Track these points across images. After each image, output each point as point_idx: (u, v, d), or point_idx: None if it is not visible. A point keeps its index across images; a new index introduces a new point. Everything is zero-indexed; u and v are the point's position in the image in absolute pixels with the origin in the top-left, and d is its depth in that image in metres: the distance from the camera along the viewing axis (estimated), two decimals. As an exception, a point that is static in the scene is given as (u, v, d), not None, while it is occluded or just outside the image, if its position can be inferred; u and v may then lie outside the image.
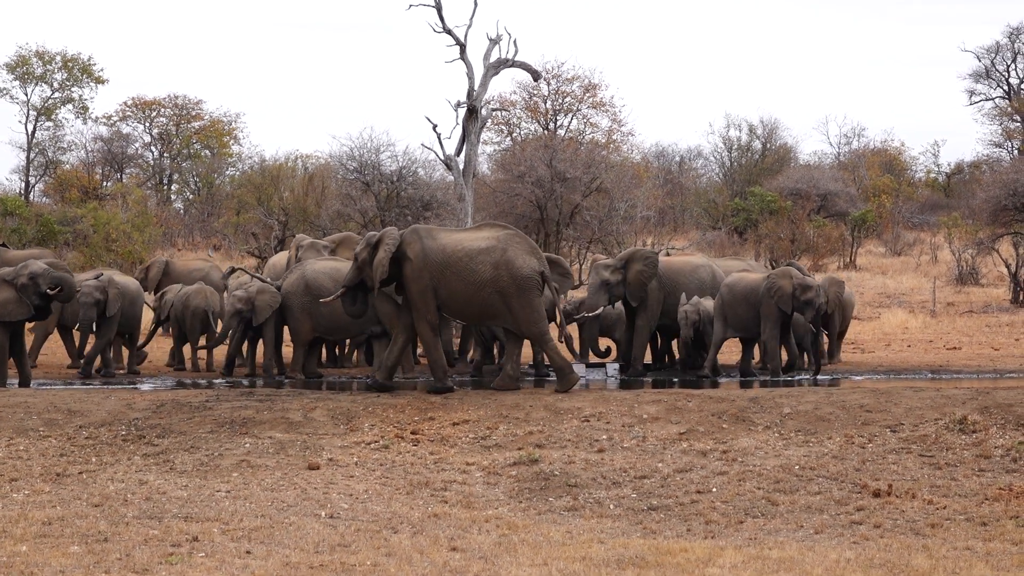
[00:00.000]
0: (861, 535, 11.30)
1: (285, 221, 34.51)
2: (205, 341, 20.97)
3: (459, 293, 16.76)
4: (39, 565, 9.94)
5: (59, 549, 10.41)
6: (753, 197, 43.19)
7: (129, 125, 52.04)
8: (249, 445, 14.11)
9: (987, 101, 56.98)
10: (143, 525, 11.25)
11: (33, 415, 14.94)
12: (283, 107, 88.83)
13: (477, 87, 28.49)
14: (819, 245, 37.97)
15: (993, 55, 56.44)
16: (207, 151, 52.64)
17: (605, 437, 14.21)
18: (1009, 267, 32.29)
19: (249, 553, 10.40)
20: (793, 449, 13.80)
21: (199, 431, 14.56)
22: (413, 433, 14.54)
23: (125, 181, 48.99)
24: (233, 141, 53.56)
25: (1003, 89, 57.00)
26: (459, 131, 28.57)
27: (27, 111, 47.20)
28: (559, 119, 47.53)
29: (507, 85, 57.03)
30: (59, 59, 47.11)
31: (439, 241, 16.96)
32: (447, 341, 20.72)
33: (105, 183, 48.52)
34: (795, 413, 14.81)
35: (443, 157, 28.71)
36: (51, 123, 47.96)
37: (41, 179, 48.57)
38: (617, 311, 20.95)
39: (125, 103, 52.11)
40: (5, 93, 47.04)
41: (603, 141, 46.57)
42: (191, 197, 51.70)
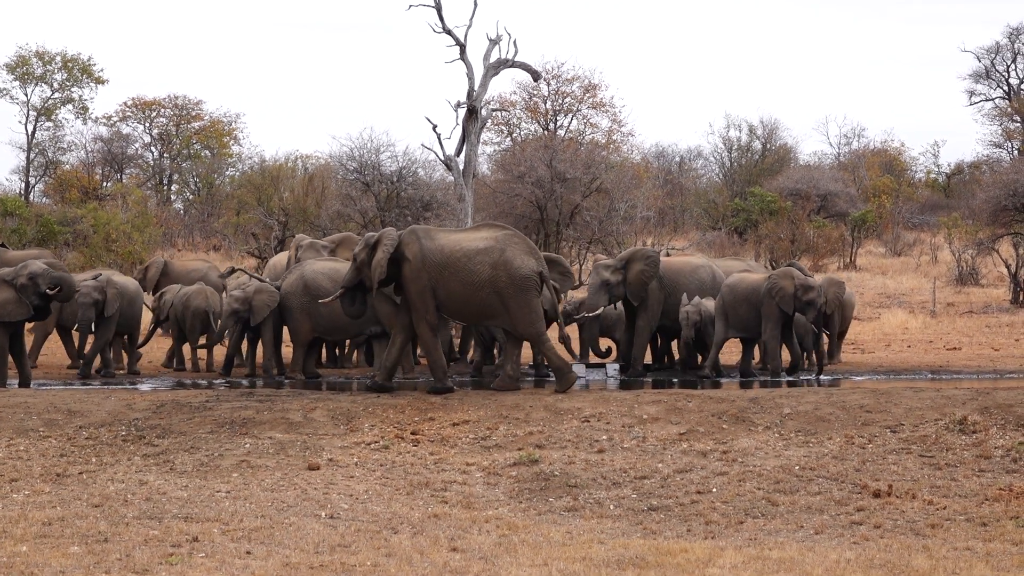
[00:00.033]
0: (861, 535, 11.30)
1: (285, 221, 34.49)
2: (205, 341, 20.98)
3: (457, 293, 16.76)
4: (39, 565, 9.94)
5: (59, 549, 10.41)
6: (753, 197, 43.17)
7: (129, 125, 52.07)
8: (249, 445, 14.11)
9: (987, 101, 57.01)
10: (143, 525, 11.25)
11: (33, 415, 14.94)
12: (283, 107, 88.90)
13: (477, 87, 28.49)
14: (819, 245, 37.95)
15: (993, 55, 56.46)
16: (207, 151, 52.61)
17: (605, 437, 14.21)
18: (1009, 267, 32.27)
19: (249, 553, 10.40)
20: (793, 449, 13.80)
21: (199, 431, 14.56)
22: (413, 433, 14.54)
23: (125, 181, 48.96)
24: (233, 141, 53.55)
25: (1003, 89, 57.00)
26: (459, 131, 28.56)
27: (27, 111, 47.22)
28: (559, 119, 47.53)
29: (507, 85, 57.08)
30: (59, 59, 47.09)
31: (437, 242, 16.95)
32: (446, 341, 20.71)
33: (105, 183, 48.50)
34: (795, 413, 14.81)
35: (443, 157, 28.70)
36: (51, 123, 47.96)
37: (41, 179, 48.55)
38: (617, 312, 20.94)
39: (125, 103, 52.15)
40: (5, 93, 47.06)
41: (603, 141, 46.58)
42: (191, 197, 51.68)
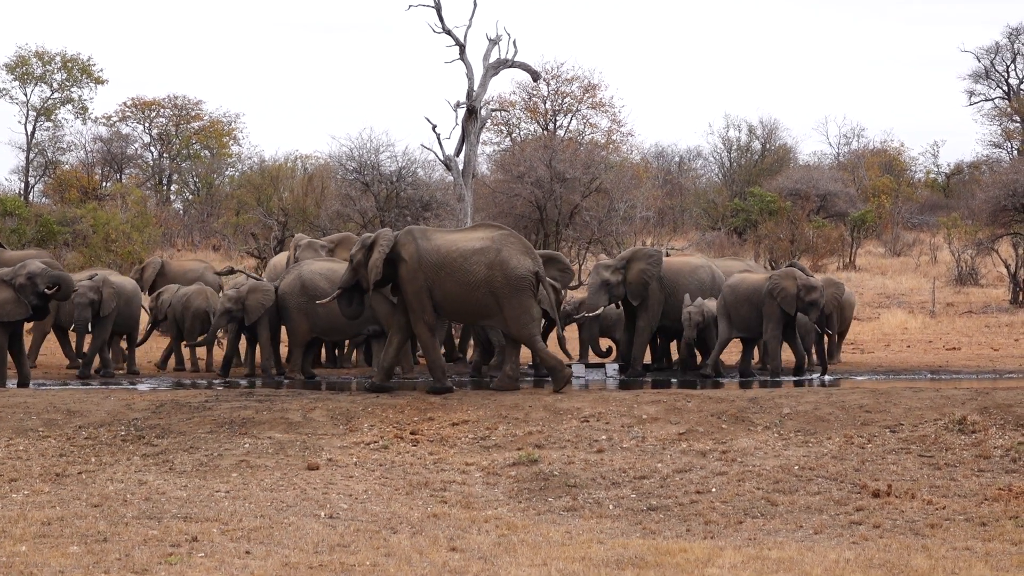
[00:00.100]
0: (860, 535, 11.30)
1: (284, 222, 34.46)
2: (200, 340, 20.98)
3: (453, 294, 16.76)
4: (39, 565, 9.94)
5: (58, 549, 10.41)
6: (752, 198, 43.14)
7: (128, 125, 52.01)
8: (248, 445, 14.11)
9: (987, 101, 57.00)
10: (142, 525, 11.25)
11: (32, 415, 14.94)
12: (283, 107, 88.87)
13: (477, 87, 28.50)
14: (819, 246, 37.93)
15: (993, 55, 56.44)
16: (207, 151, 52.57)
17: (604, 437, 14.21)
18: (1008, 268, 32.26)
19: (248, 553, 10.40)
20: (792, 449, 13.80)
21: (198, 431, 14.56)
22: (412, 433, 14.54)
23: (124, 181, 48.95)
24: (232, 141, 53.51)
25: (1003, 90, 56.99)
26: (458, 131, 28.59)
27: (27, 111, 47.18)
28: (558, 119, 47.52)
29: (506, 85, 56.96)
30: (58, 59, 47.07)
31: (434, 242, 16.95)
32: (448, 340, 20.71)
33: (104, 183, 48.47)
34: (794, 413, 14.81)
35: (443, 157, 28.72)
36: (50, 123, 47.93)
37: (40, 179, 48.53)
38: (617, 312, 20.93)
39: (124, 103, 52.07)
40: (5, 93, 47.01)
41: (602, 141, 46.56)
42: (190, 197, 51.65)
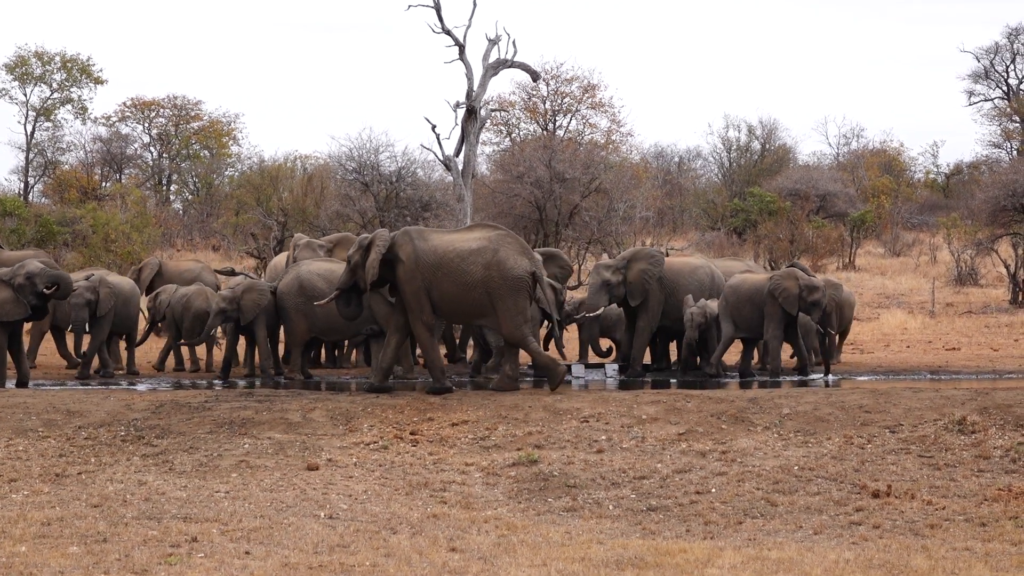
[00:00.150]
0: (860, 536, 11.31)
1: (284, 222, 34.43)
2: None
3: (450, 294, 16.75)
4: (38, 565, 9.95)
5: (58, 550, 10.41)
6: (752, 198, 43.11)
7: (128, 126, 51.97)
8: (248, 446, 14.11)
9: (986, 102, 56.97)
10: (142, 526, 11.25)
11: (32, 416, 14.94)
12: (282, 107, 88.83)
13: (476, 87, 28.48)
14: (818, 246, 37.91)
15: (992, 56, 56.41)
16: (206, 152, 52.55)
17: (604, 438, 14.21)
18: (1008, 268, 32.26)
19: (248, 554, 10.40)
20: (792, 450, 13.80)
21: (198, 432, 14.56)
22: (412, 434, 14.54)
23: (124, 182, 48.93)
24: (232, 142, 53.48)
25: (1002, 90, 56.97)
26: (458, 132, 28.56)
27: (26, 111, 47.16)
28: (558, 120, 47.50)
29: (506, 86, 56.83)
30: (58, 59, 47.05)
31: (431, 243, 16.94)
32: (449, 339, 20.70)
33: (104, 184, 48.45)
34: (794, 414, 14.81)
35: (442, 158, 28.69)
36: (50, 123, 47.90)
37: (40, 180, 48.51)
38: (618, 312, 20.93)
39: (124, 104, 52.02)
40: (4, 94, 46.98)
41: (602, 142, 46.53)
42: (190, 198, 51.62)
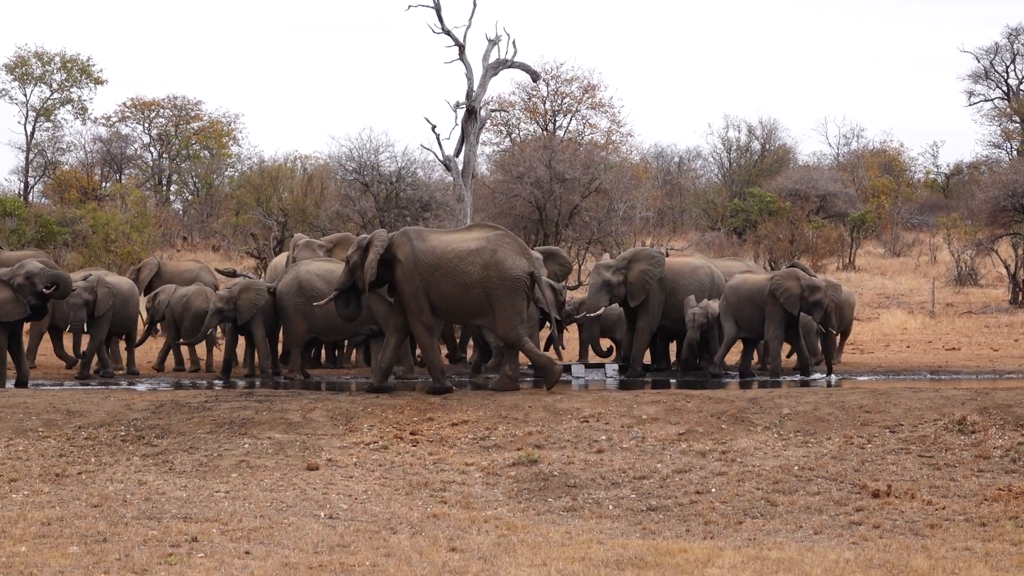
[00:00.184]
0: (860, 535, 11.31)
1: (284, 222, 34.43)
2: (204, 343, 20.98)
3: (449, 294, 16.74)
4: (38, 565, 9.95)
5: (58, 549, 10.41)
6: (752, 198, 43.11)
7: (128, 126, 51.97)
8: (248, 446, 14.11)
9: (986, 102, 56.97)
10: (142, 525, 11.25)
11: (32, 416, 14.94)
12: (282, 107, 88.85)
13: (476, 88, 28.50)
14: (818, 246, 37.91)
15: (992, 56, 56.42)
16: (206, 152, 52.55)
17: (604, 438, 14.21)
18: (1008, 268, 32.26)
19: (248, 553, 10.40)
20: (792, 450, 13.80)
21: (198, 432, 14.56)
22: (412, 434, 14.54)
23: (124, 182, 48.93)
24: (232, 142, 53.49)
25: (1002, 90, 56.98)
26: (458, 132, 28.58)
27: (26, 112, 47.18)
28: (558, 120, 47.52)
29: (506, 86, 56.87)
30: (58, 60, 47.07)
31: (429, 243, 16.93)
32: (450, 339, 20.70)
33: (104, 184, 48.46)
34: (794, 414, 14.81)
35: (442, 158, 28.71)
36: (50, 124, 47.92)
37: (40, 180, 48.52)
38: (618, 311, 20.93)
39: (124, 104, 52.03)
40: (4, 94, 47.00)
41: (602, 142, 46.55)
42: (190, 198, 51.62)
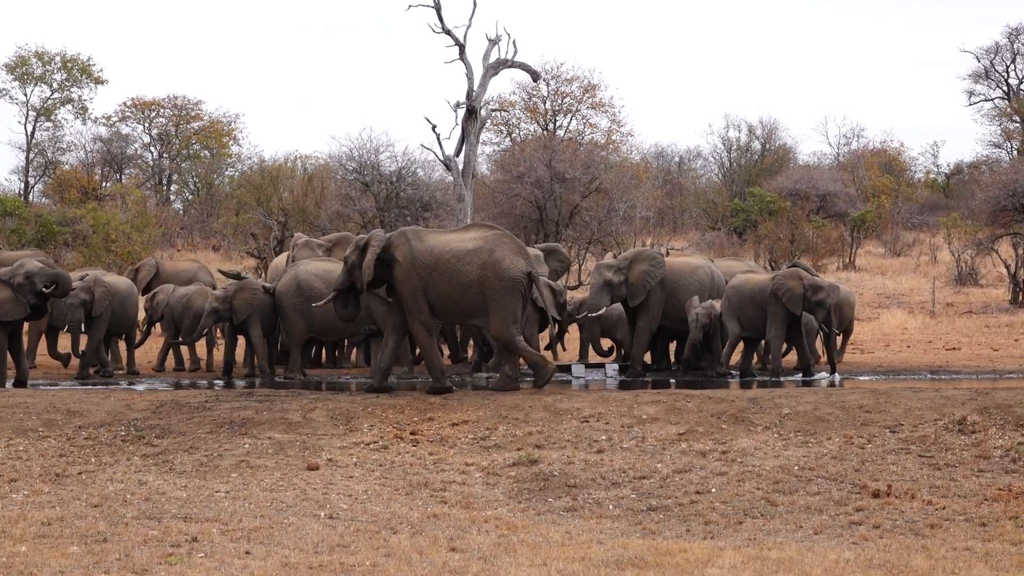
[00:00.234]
0: (860, 535, 11.31)
1: (284, 222, 34.45)
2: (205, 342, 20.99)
3: (446, 294, 16.72)
4: (38, 565, 9.95)
5: (58, 549, 10.41)
6: (752, 198, 43.11)
7: (128, 126, 52.01)
8: (248, 446, 14.11)
9: (986, 102, 56.99)
10: (142, 525, 11.25)
11: (32, 415, 14.94)
12: (282, 107, 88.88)
13: (476, 87, 28.53)
14: (818, 246, 37.90)
15: (992, 56, 56.43)
16: (206, 152, 52.58)
17: (604, 438, 14.21)
18: (1008, 268, 32.26)
19: (248, 553, 10.40)
20: (792, 450, 13.79)
21: (198, 431, 14.56)
22: (412, 434, 14.54)
23: (124, 182, 48.95)
24: (232, 142, 53.51)
25: (1002, 90, 56.99)
26: (458, 132, 28.63)
27: (26, 111, 47.22)
28: (558, 119, 47.56)
29: (506, 86, 56.94)
30: (58, 59, 47.10)
31: (427, 243, 16.92)
32: (451, 339, 20.70)
33: (104, 184, 48.48)
34: (794, 414, 14.81)
35: (442, 157, 28.75)
36: (50, 123, 47.98)
37: (40, 180, 48.55)
38: (619, 311, 20.93)
39: (124, 103, 52.07)
40: (4, 94, 47.06)
41: (602, 141, 46.61)
42: (190, 198, 51.64)
